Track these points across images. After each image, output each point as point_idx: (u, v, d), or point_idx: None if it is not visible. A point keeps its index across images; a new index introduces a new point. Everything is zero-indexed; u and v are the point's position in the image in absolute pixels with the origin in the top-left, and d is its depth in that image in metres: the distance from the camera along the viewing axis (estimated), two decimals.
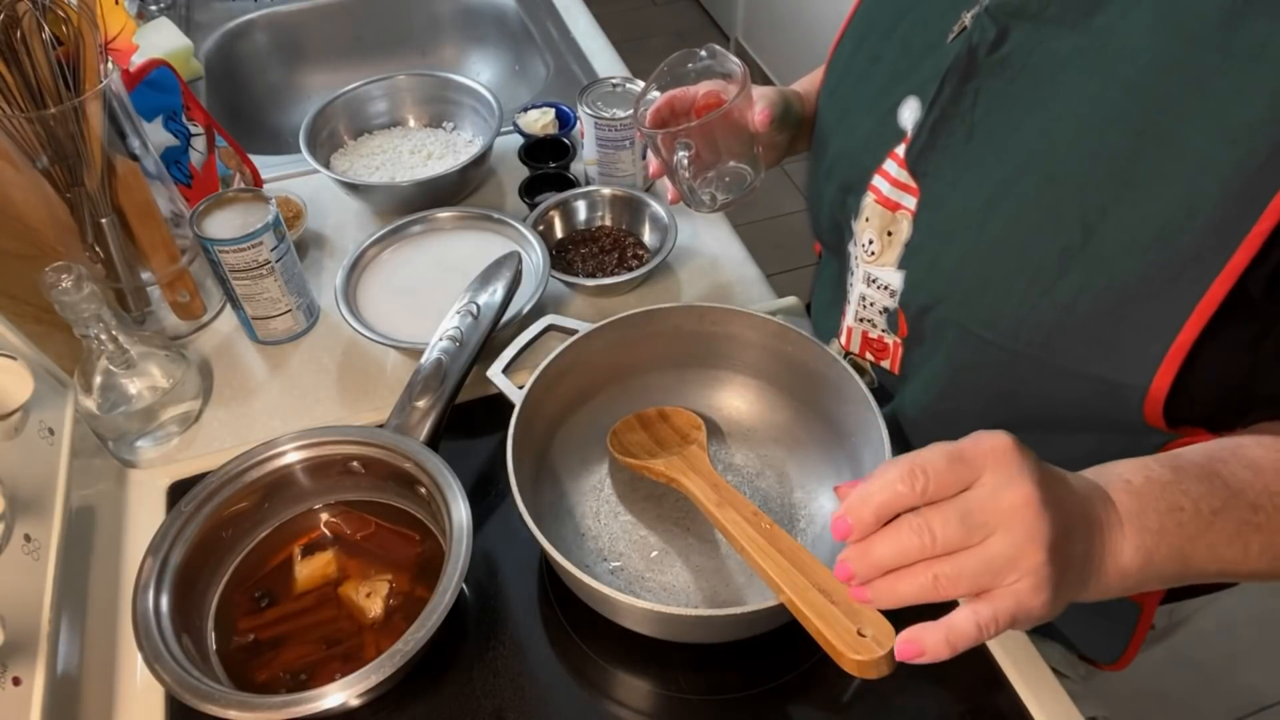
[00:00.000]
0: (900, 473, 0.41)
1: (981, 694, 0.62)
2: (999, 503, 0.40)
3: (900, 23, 0.65)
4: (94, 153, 0.73)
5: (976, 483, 0.41)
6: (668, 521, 0.69)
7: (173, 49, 1.13)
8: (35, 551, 0.58)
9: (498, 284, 0.76)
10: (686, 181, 0.70)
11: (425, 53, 1.40)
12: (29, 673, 0.53)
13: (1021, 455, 0.41)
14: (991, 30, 0.55)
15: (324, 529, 0.68)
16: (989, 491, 0.41)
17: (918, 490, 0.41)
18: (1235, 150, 0.46)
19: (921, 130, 0.60)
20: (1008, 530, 0.40)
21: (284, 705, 0.53)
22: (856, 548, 0.42)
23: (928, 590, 0.41)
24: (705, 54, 0.69)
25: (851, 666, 0.47)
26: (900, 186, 0.62)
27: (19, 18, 0.67)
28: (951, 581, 0.41)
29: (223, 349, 0.86)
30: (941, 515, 0.41)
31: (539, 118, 1.05)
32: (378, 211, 1.01)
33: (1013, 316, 0.55)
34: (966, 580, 0.41)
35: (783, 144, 0.77)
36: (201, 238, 0.76)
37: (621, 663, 0.64)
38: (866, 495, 0.42)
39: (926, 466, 0.41)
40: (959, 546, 0.41)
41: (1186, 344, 0.49)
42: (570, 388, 0.72)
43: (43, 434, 0.64)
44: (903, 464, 0.41)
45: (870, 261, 0.66)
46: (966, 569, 0.40)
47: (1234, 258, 0.46)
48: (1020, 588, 0.40)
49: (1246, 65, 0.45)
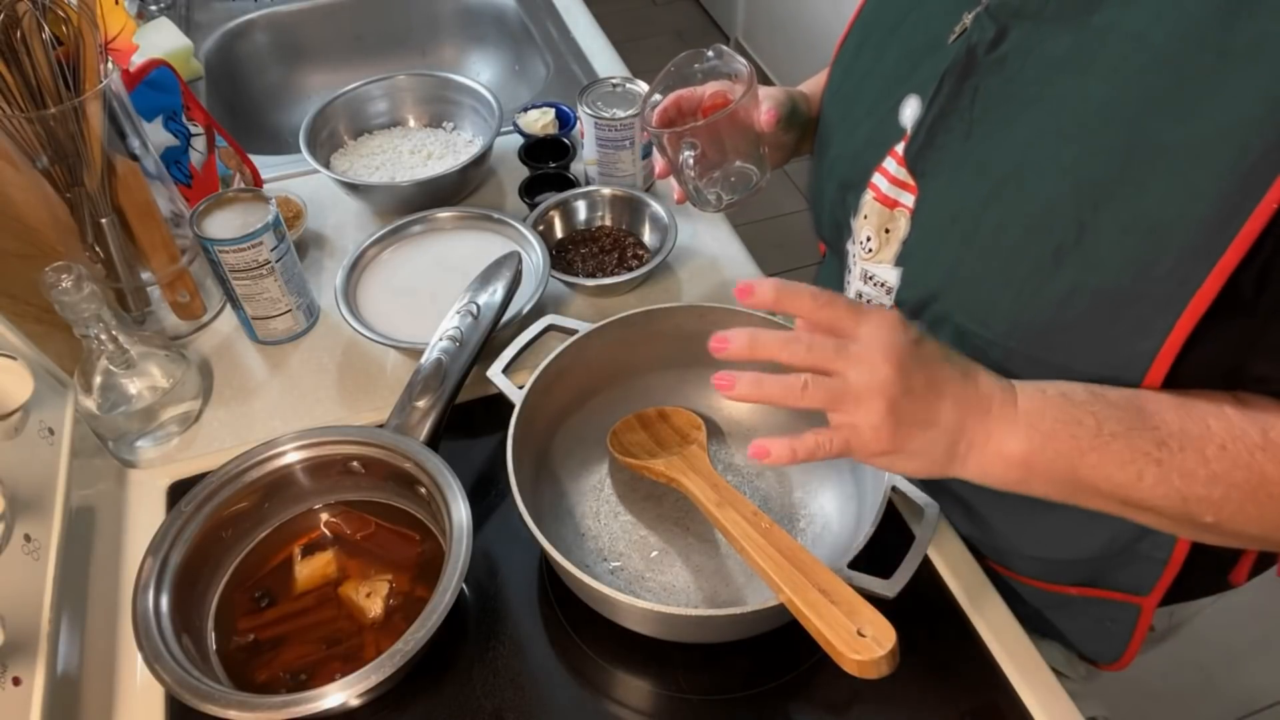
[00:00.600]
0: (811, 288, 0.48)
1: (981, 694, 0.62)
2: (867, 346, 0.48)
3: (903, 23, 0.65)
4: (94, 153, 0.73)
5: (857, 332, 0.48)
6: (668, 521, 0.69)
7: (173, 49, 1.13)
8: (35, 551, 0.58)
9: (498, 284, 0.76)
10: (692, 181, 0.70)
11: (425, 53, 1.40)
12: (29, 673, 0.53)
13: (904, 324, 0.49)
14: (991, 29, 0.56)
15: (324, 529, 0.68)
16: (866, 336, 0.48)
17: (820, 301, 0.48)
18: (1229, 148, 0.46)
19: (920, 128, 0.60)
20: (865, 370, 0.47)
21: (284, 705, 0.53)
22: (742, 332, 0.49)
23: (793, 392, 0.48)
24: (712, 54, 0.70)
25: (851, 666, 0.47)
26: (899, 184, 0.63)
27: (19, 18, 0.67)
28: (812, 392, 0.48)
29: (223, 349, 0.86)
30: (820, 339, 0.48)
31: (539, 118, 1.05)
32: (378, 211, 1.01)
33: (1007, 313, 0.55)
34: (821, 394, 0.48)
35: (789, 144, 0.77)
36: (201, 238, 0.76)
37: (621, 663, 0.64)
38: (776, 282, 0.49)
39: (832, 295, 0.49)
40: (825, 366, 0.48)
41: (1179, 341, 0.49)
42: (570, 388, 0.72)
43: (43, 434, 0.64)
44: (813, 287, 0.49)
45: (868, 259, 0.66)
46: (824, 384, 0.48)
47: (1226, 255, 0.46)
48: (859, 423, 0.48)
49: (1242, 64, 0.45)
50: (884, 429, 0.48)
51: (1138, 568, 0.64)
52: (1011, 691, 0.61)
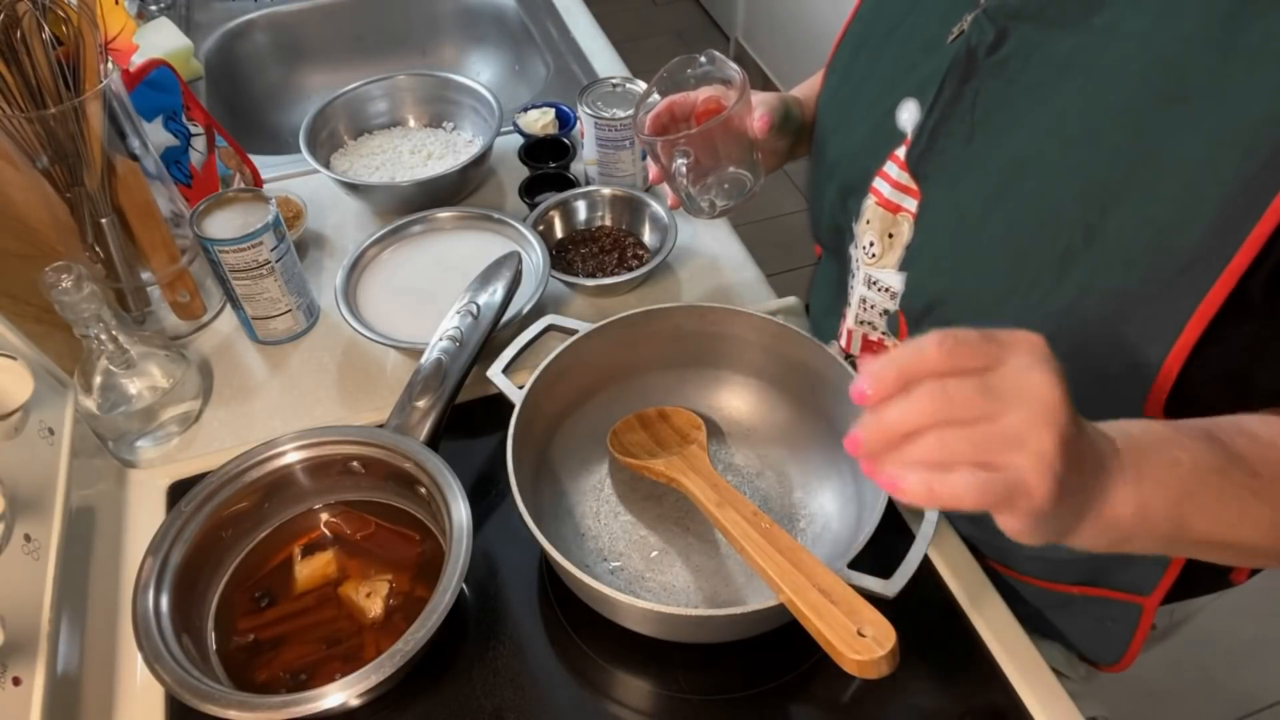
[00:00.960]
0: (932, 338, 0.38)
1: (981, 694, 0.62)
2: (1022, 380, 0.38)
3: (900, 26, 0.65)
4: (94, 153, 0.73)
5: (1001, 362, 0.39)
6: (668, 521, 0.69)
7: (173, 49, 1.13)
8: (35, 551, 0.58)
9: (498, 284, 0.76)
10: (686, 188, 0.70)
11: (425, 53, 1.40)
12: (29, 673, 0.53)
13: (1051, 352, 0.39)
14: (990, 32, 0.55)
15: (324, 529, 0.68)
16: (1015, 370, 0.38)
17: (945, 349, 0.38)
18: (1236, 151, 0.46)
19: (922, 132, 0.60)
20: (1025, 408, 0.38)
21: (284, 705, 0.53)
22: (870, 415, 0.40)
23: (933, 450, 0.38)
24: (704, 59, 0.69)
25: (851, 666, 0.47)
26: (901, 189, 0.62)
27: (19, 18, 0.67)
28: (960, 445, 0.38)
29: (223, 349, 0.86)
30: (963, 382, 0.38)
31: (539, 118, 1.05)
32: (378, 211, 1.01)
33: (1014, 318, 0.55)
34: (973, 447, 0.38)
35: (783, 150, 0.77)
36: (201, 238, 0.76)
37: (621, 663, 0.64)
38: (892, 357, 0.39)
39: (959, 335, 0.39)
40: (974, 416, 0.38)
41: (1188, 345, 0.49)
42: (570, 388, 0.72)
43: (43, 434, 0.64)
44: (936, 333, 0.39)
45: (871, 264, 0.66)
46: (976, 436, 0.38)
47: (1235, 259, 0.46)
48: (1024, 466, 0.38)
49: (1247, 65, 0.45)
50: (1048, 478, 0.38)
51: (1139, 567, 0.64)
52: (1011, 691, 0.61)
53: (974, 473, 0.38)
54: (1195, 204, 0.47)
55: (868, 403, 0.40)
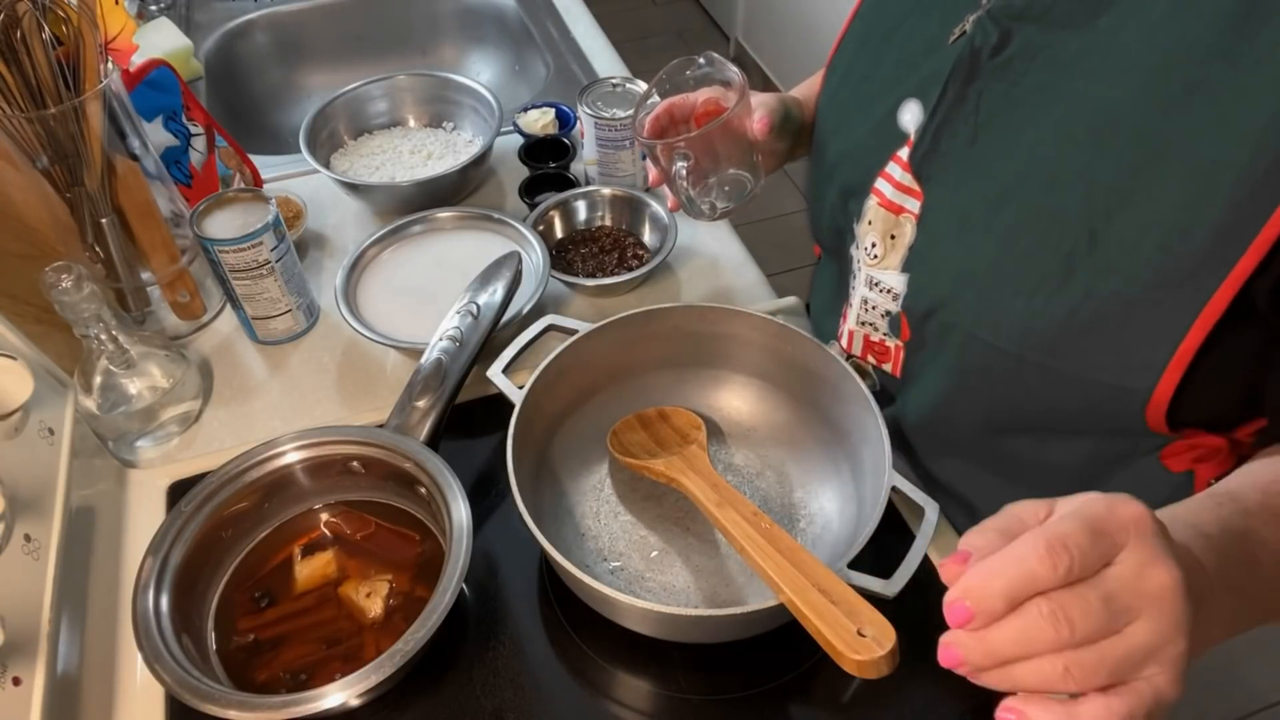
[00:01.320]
0: (1036, 550, 0.34)
1: (981, 694, 0.61)
2: (1144, 584, 0.35)
3: (901, 26, 0.64)
4: (94, 153, 0.73)
5: (1116, 559, 0.35)
6: (668, 521, 0.69)
7: (173, 49, 1.13)
8: (35, 551, 0.58)
9: (498, 284, 0.76)
10: (686, 191, 0.70)
11: (425, 53, 1.40)
12: (29, 673, 0.53)
13: (1161, 529, 0.36)
14: (994, 33, 0.55)
15: (324, 529, 0.68)
16: (1132, 571, 0.35)
17: (1060, 572, 0.34)
18: (1241, 155, 0.45)
19: (925, 134, 0.60)
20: (1152, 617, 0.35)
21: (284, 705, 0.53)
22: (971, 634, 0.36)
23: (1055, 682, 0.35)
24: (703, 61, 0.69)
25: (851, 666, 0.47)
26: (903, 190, 0.62)
27: (19, 18, 0.67)
28: (1088, 674, 0.35)
29: (223, 349, 0.86)
30: (1082, 601, 0.34)
31: (539, 118, 1.05)
32: (378, 211, 1.01)
33: (1017, 321, 0.55)
34: (1105, 673, 0.35)
35: (782, 151, 0.77)
36: (201, 238, 0.76)
37: (621, 663, 0.64)
38: (993, 572, 0.35)
39: (1068, 542, 0.34)
40: (1099, 636, 0.35)
41: (1191, 350, 0.49)
42: (570, 388, 0.72)
43: (43, 434, 0.64)
44: (1038, 539, 0.35)
45: (873, 265, 0.66)
46: (1107, 659, 0.34)
47: (1239, 264, 0.46)
48: (1160, 680, 0.35)
49: (1253, 70, 0.45)
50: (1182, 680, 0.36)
51: None
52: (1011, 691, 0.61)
53: (1107, 705, 0.35)
54: (1200, 208, 0.47)
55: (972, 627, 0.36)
